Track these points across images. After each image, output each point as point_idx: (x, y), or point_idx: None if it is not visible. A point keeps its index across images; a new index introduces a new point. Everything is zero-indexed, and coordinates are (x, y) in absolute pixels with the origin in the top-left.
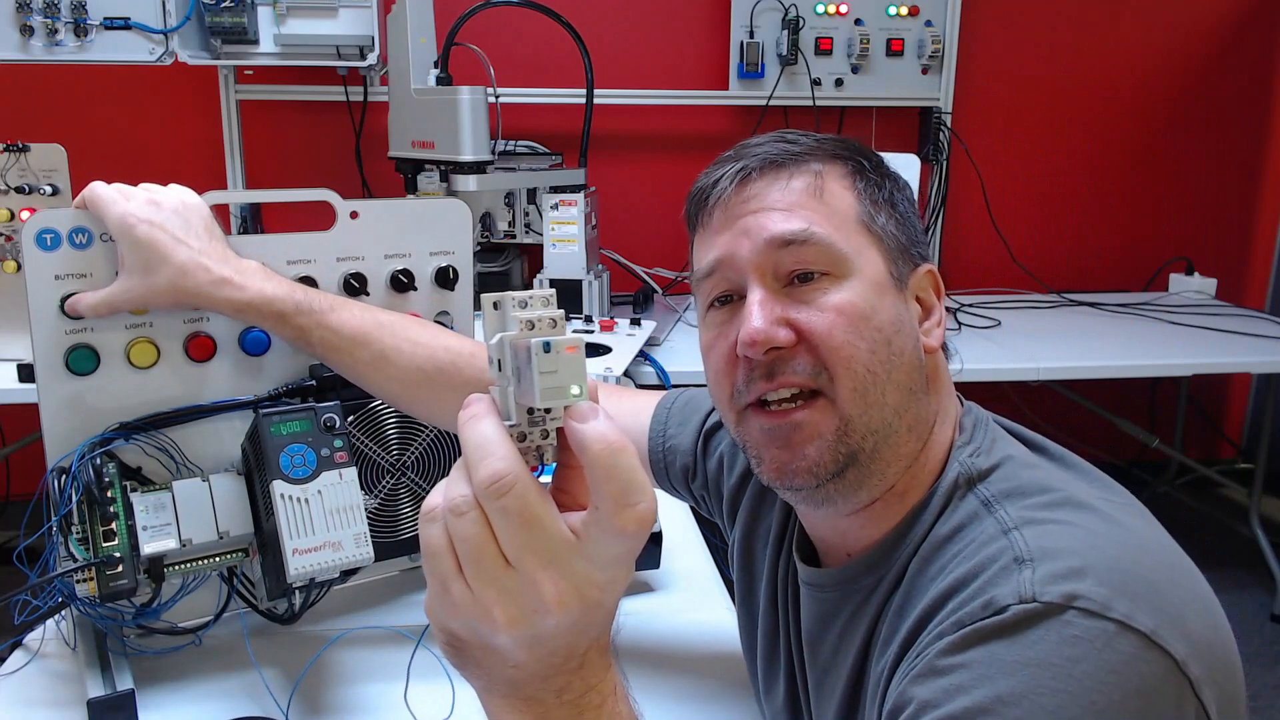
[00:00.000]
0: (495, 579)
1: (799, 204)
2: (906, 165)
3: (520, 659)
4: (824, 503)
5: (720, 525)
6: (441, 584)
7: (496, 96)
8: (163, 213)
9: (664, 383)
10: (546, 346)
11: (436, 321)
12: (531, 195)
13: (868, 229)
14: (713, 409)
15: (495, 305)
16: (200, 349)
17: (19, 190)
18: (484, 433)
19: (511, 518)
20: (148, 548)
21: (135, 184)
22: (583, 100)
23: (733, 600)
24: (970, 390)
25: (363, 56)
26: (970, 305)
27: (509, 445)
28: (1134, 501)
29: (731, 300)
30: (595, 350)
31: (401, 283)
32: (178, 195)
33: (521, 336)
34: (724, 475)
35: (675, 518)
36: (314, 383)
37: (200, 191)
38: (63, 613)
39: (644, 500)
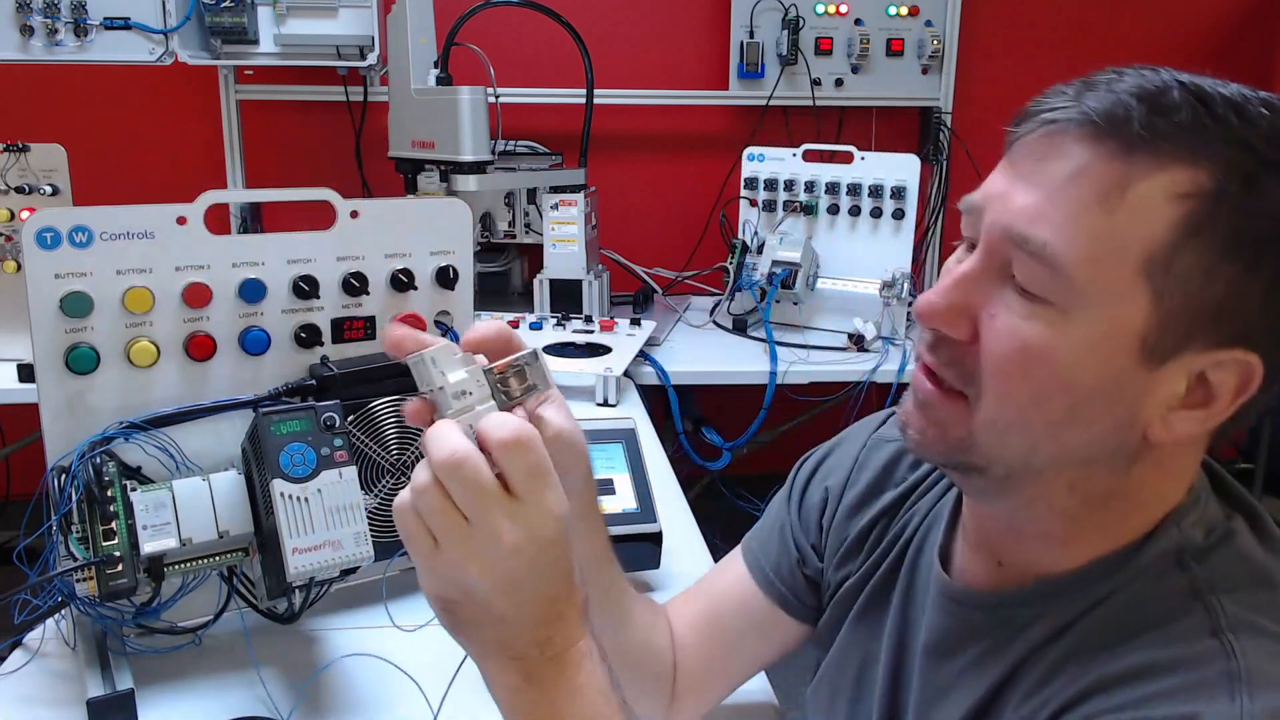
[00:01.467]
0: (462, 539)
1: (1072, 204)
2: (906, 165)
3: (501, 608)
4: (956, 483)
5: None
6: (424, 559)
7: (496, 96)
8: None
9: (664, 382)
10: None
11: (436, 322)
12: (531, 195)
13: (1150, 274)
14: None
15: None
16: (200, 348)
17: (19, 190)
18: (438, 427)
19: (467, 484)
20: (148, 547)
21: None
22: (583, 100)
23: None
24: None
25: (363, 56)
26: None
27: (458, 431)
28: None
29: (973, 246)
30: (595, 350)
31: (401, 282)
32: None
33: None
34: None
35: (675, 518)
36: (314, 382)
37: (200, 191)
38: (62, 612)
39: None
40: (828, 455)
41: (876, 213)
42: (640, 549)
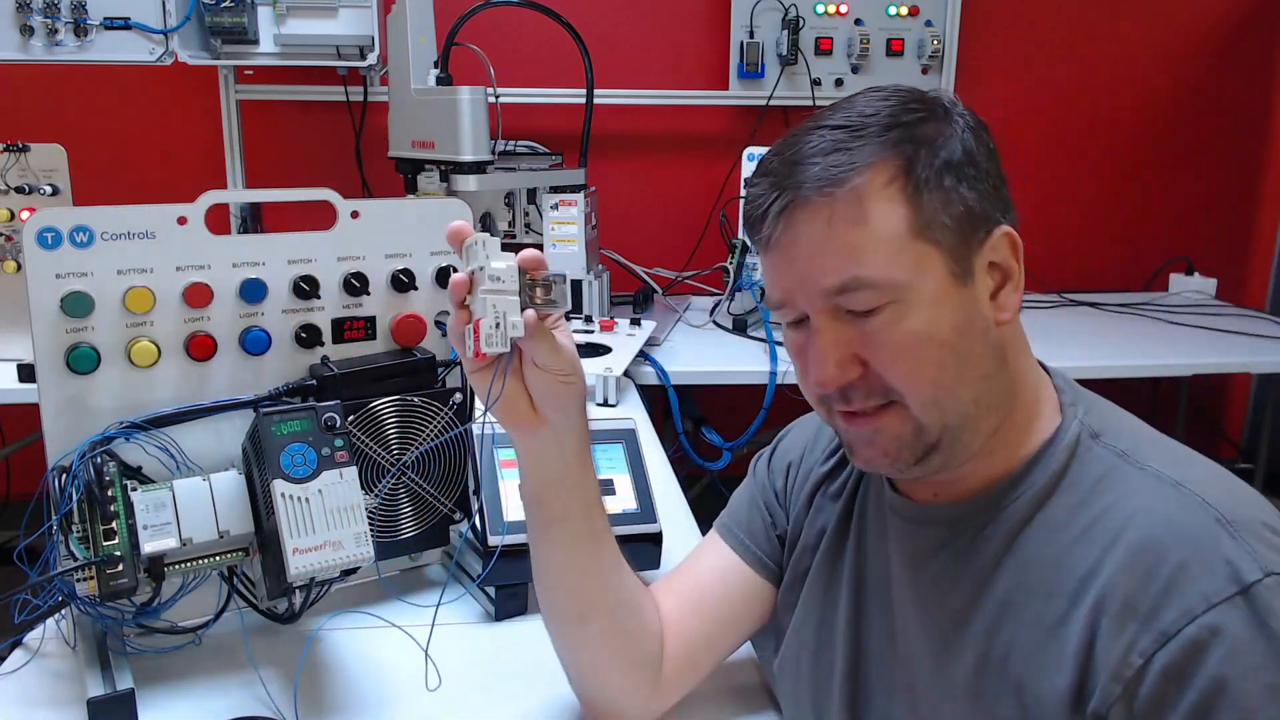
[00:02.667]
0: None
1: (844, 245)
2: None
3: None
4: (914, 479)
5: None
6: None
7: (496, 96)
8: None
9: (664, 382)
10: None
11: (437, 323)
12: (531, 195)
13: (922, 237)
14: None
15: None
16: (200, 348)
17: (19, 190)
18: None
19: None
20: (148, 547)
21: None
22: (583, 100)
23: None
24: None
25: (363, 56)
26: None
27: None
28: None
29: (804, 322)
30: (595, 350)
31: (402, 282)
32: None
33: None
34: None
35: (675, 518)
36: (314, 382)
37: (200, 191)
38: (63, 612)
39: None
40: (787, 434)
41: None
42: (640, 549)
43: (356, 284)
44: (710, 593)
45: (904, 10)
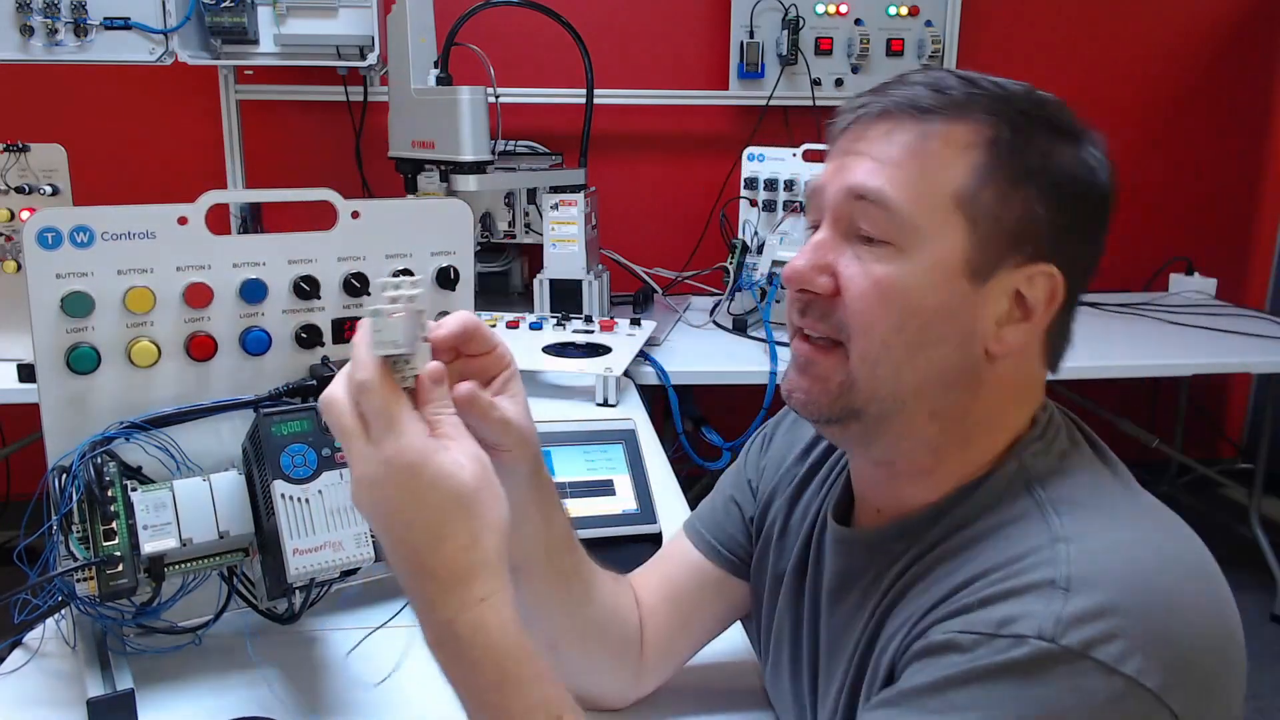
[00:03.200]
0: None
1: (892, 160)
2: None
3: (380, 532)
4: (837, 442)
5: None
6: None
7: (496, 96)
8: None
9: (664, 382)
10: (376, 313)
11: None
12: (531, 195)
13: (961, 207)
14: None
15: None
16: (201, 348)
17: (19, 190)
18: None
19: (332, 422)
20: (148, 547)
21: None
22: (583, 100)
23: None
24: None
25: (363, 56)
26: None
27: (341, 382)
28: (1171, 518)
29: (817, 227)
30: (595, 350)
31: None
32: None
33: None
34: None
35: (675, 518)
36: (315, 383)
37: (200, 191)
38: (62, 612)
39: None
40: (768, 427)
41: None
42: (640, 549)
43: (357, 284)
44: (685, 586)
45: (904, 10)
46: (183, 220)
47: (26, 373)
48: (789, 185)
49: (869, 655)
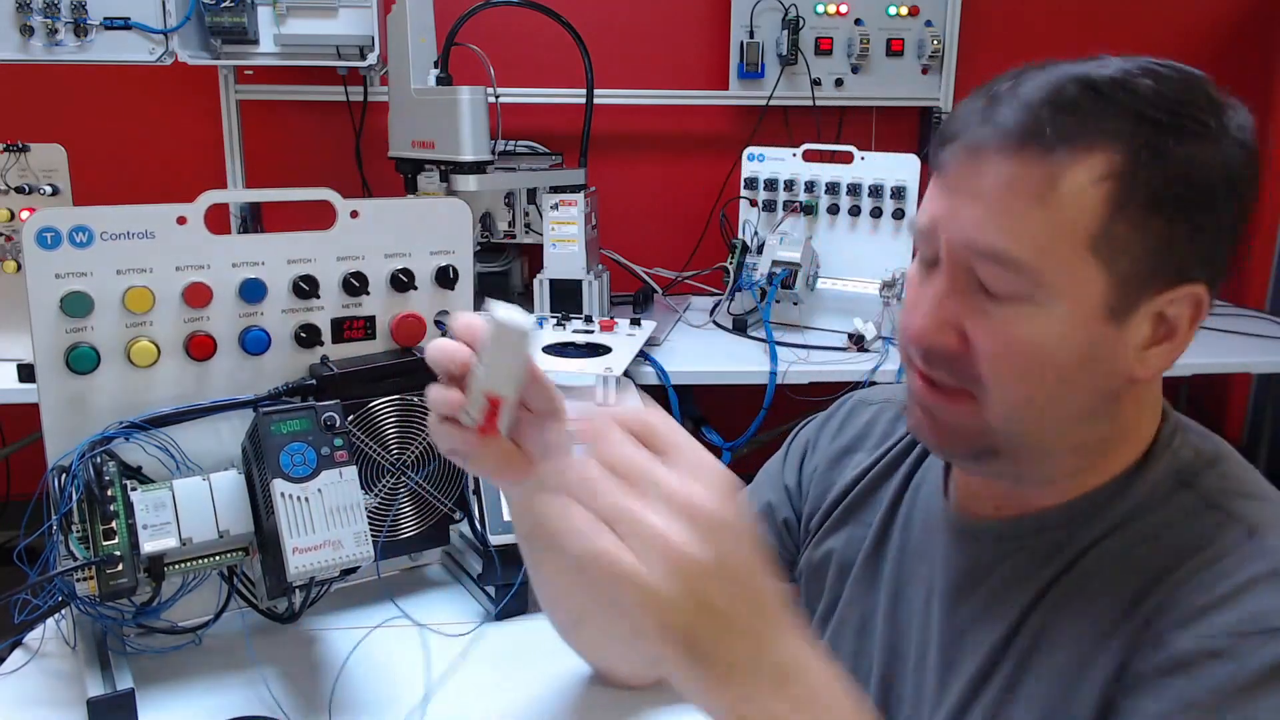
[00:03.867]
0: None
1: (1015, 211)
2: (906, 165)
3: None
4: (971, 473)
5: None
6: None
7: (496, 96)
8: None
9: (664, 382)
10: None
11: (437, 322)
12: (531, 195)
13: (1095, 250)
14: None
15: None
16: (200, 348)
17: (19, 190)
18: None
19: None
20: (148, 546)
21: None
22: (583, 100)
23: None
24: None
25: (363, 56)
26: None
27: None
28: None
29: (934, 267)
30: (595, 350)
31: (401, 282)
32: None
33: None
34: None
35: None
36: (314, 382)
37: (200, 191)
38: (63, 612)
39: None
40: (816, 419)
41: (876, 213)
42: None
43: (356, 284)
44: None
45: (904, 10)
46: (182, 220)
47: (26, 373)
48: (789, 185)
49: (1006, 651)
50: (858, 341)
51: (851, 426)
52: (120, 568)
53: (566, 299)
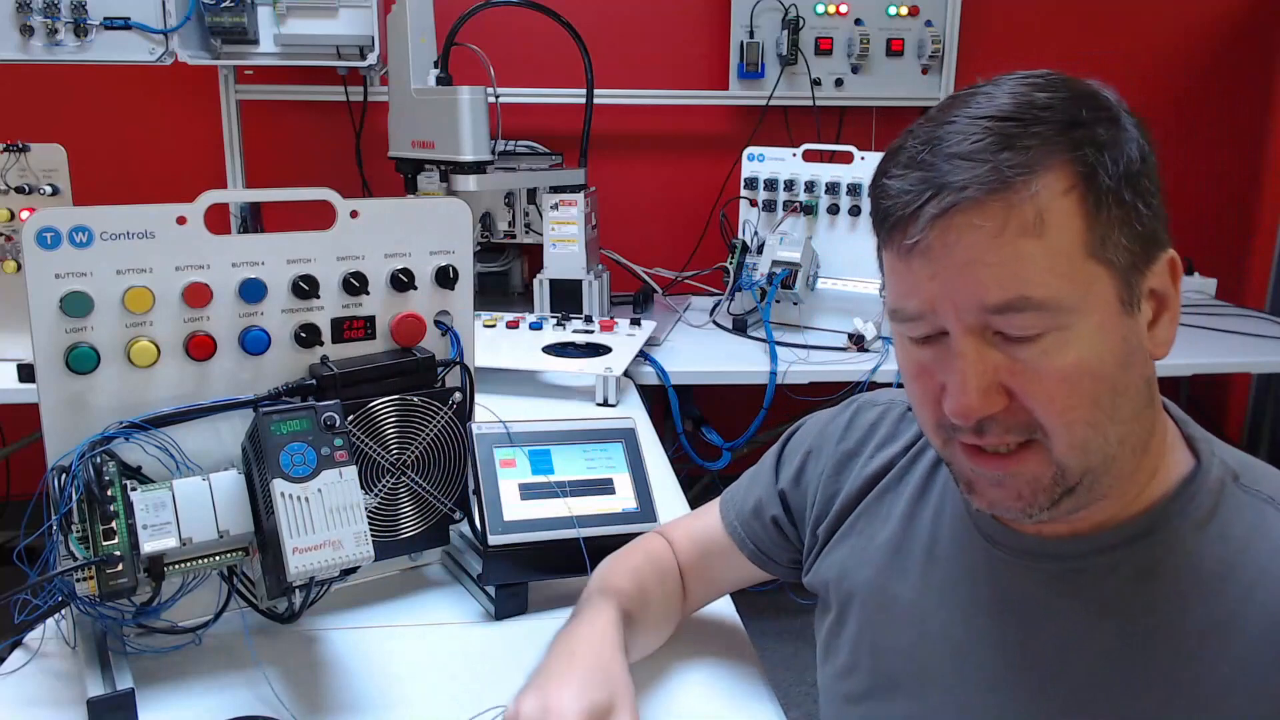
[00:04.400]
0: None
1: (1013, 258)
2: None
3: None
4: (1044, 517)
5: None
6: None
7: (496, 96)
8: None
9: (664, 382)
10: None
11: (437, 322)
12: (531, 195)
13: (1095, 257)
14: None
15: None
16: (200, 348)
17: (19, 190)
18: None
19: None
20: (148, 546)
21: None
22: (583, 100)
23: (733, 600)
24: None
25: (363, 56)
26: None
27: None
28: None
29: (937, 339)
30: (595, 350)
31: (401, 282)
32: None
33: None
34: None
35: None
36: (314, 382)
37: (200, 191)
38: (62, 612)
39: None
40: (817, 421)
41: None
42: None
43: (356, 284)
44: (711, 553)
45: (904, 10)
46: (182, 220)
47: (26, 373)
48: (789, 185)
49: (1117, 668)
50: (858, 341)
51: (856, 429)
52: (120, 568)
53: (566, 299)
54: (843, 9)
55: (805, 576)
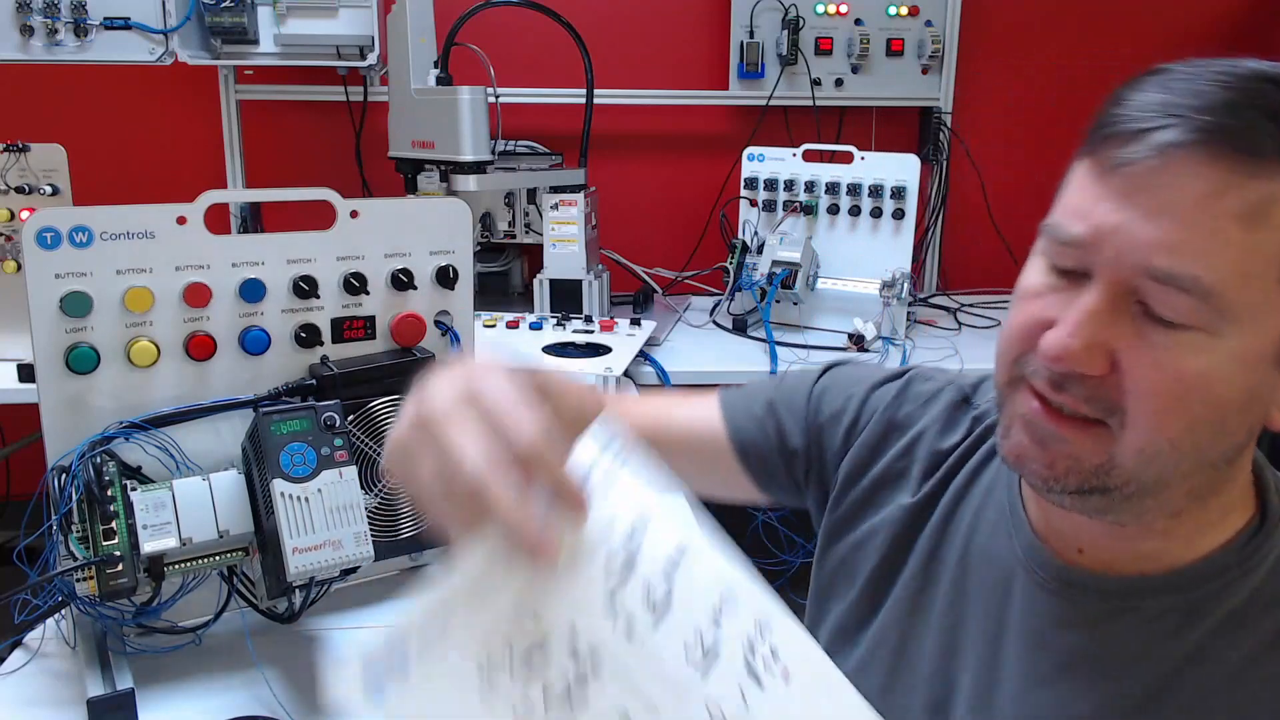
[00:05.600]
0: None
1: (1212, 233)
2: (906, 165)
3: None
4: (1059, 504)
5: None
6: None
7: (496, 96)
8: None
9: (664, 382)
10: None
11: (437, 322)
12: (531, 195)
13: None
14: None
15: None
16: (200, 348)
17: (19, 190)
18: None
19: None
20: (148, 546)
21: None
22: (583, 100)
23: None
24: None
25: (363, 56)
26: (970, 305)
27: None
28: None
29: (1072, 277)
30: (595, 350)
31: (401, 282)
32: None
33: None
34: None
35: None
36: (314, 382)
37: (200, 191)
38: (62, 612)
39: None
40: (870, 374)
41: (876, 213)
42: None
43: (356, 284)
44: (678, 435)
45: (904, 10)
46: (182, 220)
47: (26, 373)
48: (789, 185)
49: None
50: (858, 341)
51: (907, 401)
52: (120, 568)
53: (566, 299)
54: (843, 9)
55: (833, 542)
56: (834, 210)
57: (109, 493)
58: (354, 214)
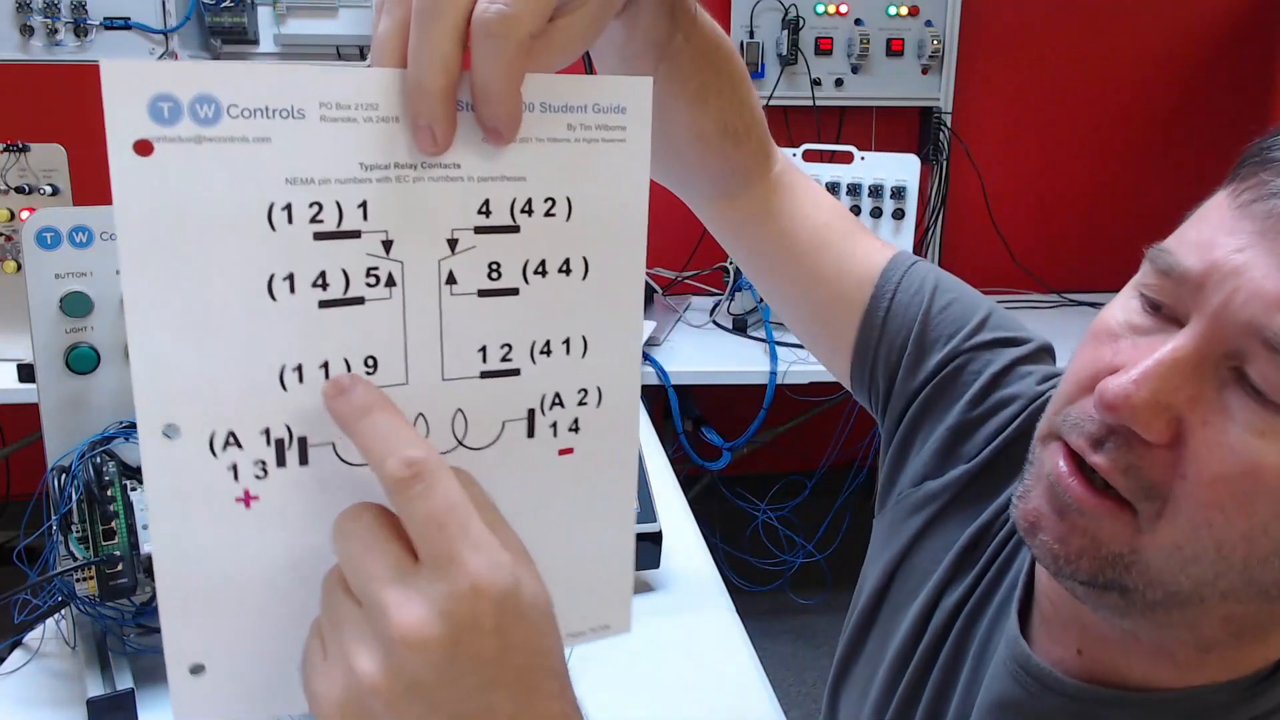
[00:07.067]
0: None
1: None
2: (906, 165)
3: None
4: (1064, 586)
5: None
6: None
7: None
8: None
9: (664, 382)
10: None
11: None
12: None
13: None
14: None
15: None
16: None
17: (19, 190)
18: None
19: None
20: (148, 546)
21: None
22: None
23: (733, 599)
24: None
25: (362, 56)
26: None
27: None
28: None
29: (1160, 317)
30: None
31: None
32: None
33: None
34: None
35: (675, 518)
36: None
37: None
38: (62, 612)
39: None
40: (1010, 345)
41: (876, 213)
42: (640, 548)
43: None
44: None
45: (904, 10)
46: None
47: (26, 373)
48: None
49: None
50: None
51: (1001, 387)
52: (120, 568)
53: None
54: (843, 9)
55: (899, 477)
56: None
57: (109, 493)
58: None
